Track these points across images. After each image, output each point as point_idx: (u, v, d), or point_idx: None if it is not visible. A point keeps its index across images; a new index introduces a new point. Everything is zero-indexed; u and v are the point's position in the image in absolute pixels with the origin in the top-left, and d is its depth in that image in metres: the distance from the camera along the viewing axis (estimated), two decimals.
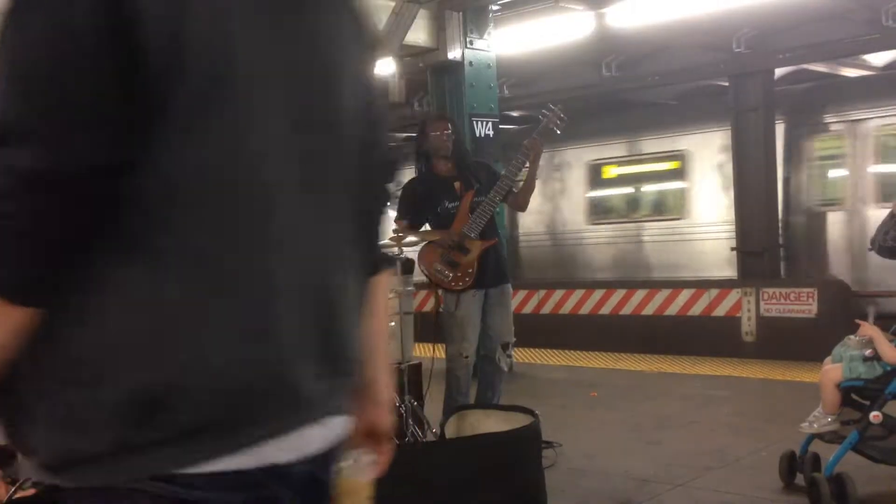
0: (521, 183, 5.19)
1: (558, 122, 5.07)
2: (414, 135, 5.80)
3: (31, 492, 4.35)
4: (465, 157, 5.25)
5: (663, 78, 10.62)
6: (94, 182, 0.95)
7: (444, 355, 5.16)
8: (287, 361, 1.08)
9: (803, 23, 9.06)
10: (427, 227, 5.25)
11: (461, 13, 7.53)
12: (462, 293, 5.02)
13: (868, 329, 4.03)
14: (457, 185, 5.09)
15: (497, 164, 6.63)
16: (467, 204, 5.04)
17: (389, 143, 1.43)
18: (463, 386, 5.11)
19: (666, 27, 8.52)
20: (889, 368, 3.89)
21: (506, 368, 5.21)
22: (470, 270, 4.99)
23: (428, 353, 5.34)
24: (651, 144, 10.96)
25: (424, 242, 5.19)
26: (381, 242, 1.40)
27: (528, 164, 5.03)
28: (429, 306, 5.28)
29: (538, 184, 5.87)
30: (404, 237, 5.06)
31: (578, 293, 9.82)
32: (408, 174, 5.58)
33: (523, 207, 5.38)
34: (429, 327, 5.31)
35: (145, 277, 0.99)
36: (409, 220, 5.20)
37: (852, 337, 4.12)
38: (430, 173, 5.18)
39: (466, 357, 5.06)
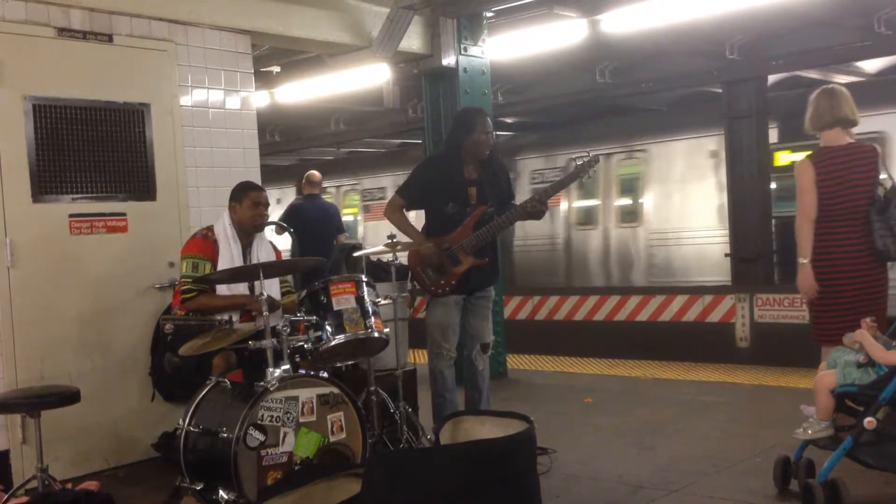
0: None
1: (588, 173, 5.02)
2: (410, 141, 5.76)
3: (23, 499, 4.34)
4: (493, 160, 5.19)
5: (657, 84, 10.68)
6: None
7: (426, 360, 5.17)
8: None
9: (796, 29, 9.10)
10: (424, 215, 5.21)
11: (455, 20, 7.54)
12: (438, 298, 5.04)
13: (857, 335, 4.03)
14: (472, 191, 5.06)
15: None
16: (475, 219, 5.03)
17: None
18: (448, 382, 5.10)
19: (659, 34, 8.54)
20: (882, 372, 3.90)
21: (480, 367, 5.21)
22: (453, 282, 5.03)
23: (421, 359, 5.34)
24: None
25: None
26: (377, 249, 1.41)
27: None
28: (422, 313, 5.26)
29: None
30: (398, 243, 5.02)
31: (573, 299, 9.83)
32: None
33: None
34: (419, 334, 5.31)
35: None
36: (407, 203, 5.17)
37: (848, 334, 4.14)
38: (454, 169, 5.07)
39: (448, 354, 5.06)
